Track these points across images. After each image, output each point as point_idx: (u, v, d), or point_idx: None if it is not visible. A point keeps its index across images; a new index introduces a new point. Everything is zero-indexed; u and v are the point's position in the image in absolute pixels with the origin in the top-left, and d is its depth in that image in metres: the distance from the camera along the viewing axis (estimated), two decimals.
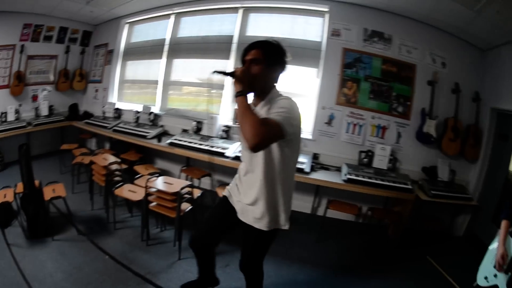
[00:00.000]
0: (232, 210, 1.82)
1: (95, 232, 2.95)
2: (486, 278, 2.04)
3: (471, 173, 4.32)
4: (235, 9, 4.24)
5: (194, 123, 4.16)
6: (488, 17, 3.39)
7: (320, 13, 4.02)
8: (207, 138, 3.95)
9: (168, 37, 4.62)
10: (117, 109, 4.80)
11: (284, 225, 1.75)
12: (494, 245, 2.03)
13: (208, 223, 1.97)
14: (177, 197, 2.64)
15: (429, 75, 3.97)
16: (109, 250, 2.67)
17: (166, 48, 4.59)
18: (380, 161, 3.81)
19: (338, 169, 3.78)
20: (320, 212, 4.07)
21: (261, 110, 1.59)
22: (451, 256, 3.78)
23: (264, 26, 4.21)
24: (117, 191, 2.93)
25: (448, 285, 3.14)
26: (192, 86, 4.76)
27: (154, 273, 2.49)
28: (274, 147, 1.56)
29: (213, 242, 2.02)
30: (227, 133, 4.02)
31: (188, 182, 2.81)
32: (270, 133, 1.39)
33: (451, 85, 4.04)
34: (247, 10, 4.23)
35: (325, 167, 3.80)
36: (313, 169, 3.61)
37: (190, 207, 2.81)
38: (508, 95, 3.84)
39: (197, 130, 4.15)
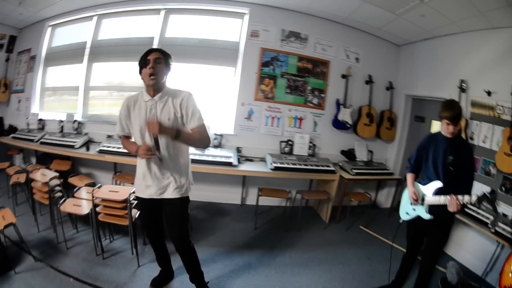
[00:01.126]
0: (150, 202, 2.18)
1: (50, 255, 2.85)
2: (407, 213, 2.62)
3: (388, 151, 4.99)
4: (157, 11, 4.41)
5: None
6: (409, 19, 3.82)
7: (239, 15, 4.35)
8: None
9: (89, 40, 4.61)
10: (40, 119, 4.72)
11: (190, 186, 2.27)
12: (406, 190, 2.66)
13: (145, 221, 2.40)
14: (127, 204, 2.67)
15: (343, 69, 4.50)
16: (71, 271, 2.64)
17: (87, 51, 4.58)
18: (301, 149, 4.26)
19: (262, 160, 4.15)
20: (249, 201, 4.45)
21: (160, 99, 2.03)
22: (382, 223, 4.36)
23: (184, 28, 4.42)
24: (62, 207, 2.85)
25: (385, 245, 3.72)
26: (114, 91, 4.85)
27: (121, 285, 2.55)
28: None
29: (158, 233, 2.38)
30: None
31: (133, 188, 2.80)
32: (208, 133, 2.08)
33: (364, 77, 4.63)
34: (168, 12, 4.42)
35: (249, 159, 4.15)
36: (239, 161, 3.92)
37: (138, 212, 2.80)
38: (422, 83, 4.52)
39: None
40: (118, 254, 2.94)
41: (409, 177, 2.62)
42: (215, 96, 4.42)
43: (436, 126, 4.59)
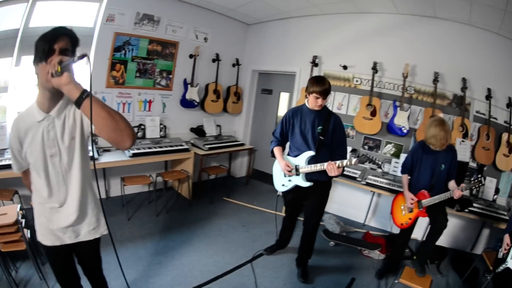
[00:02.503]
0: (62, 249, 1.70)
1: None
2: (283, 185, 2.78)
3: (236, 124, 5.87)
4: None
5: None
6: (267, 2, 4.15)
7: None
8: (1, 151, 3.55)
9: None
10: None
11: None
12: (276, 164, 2.85)
13: (59, 274, 1.87)
14: (19, 225, 2.49)
15: (192, 49, 4.96)
16: None
17: None
18: (153, 131, 4.62)
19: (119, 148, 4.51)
20: (114, 193, 4.59)
21: (58, 115, 1.49)
22: (242, 191, 5.08)
23: (46, 16, 4.04)
24: None
25: (253, 211, 4.24)
26: None
27: None
28: (84, 146, 1.62)
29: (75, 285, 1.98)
30: None
31: (17, 205, 2.64)
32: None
33: (212, 55, 5.22)
34: None
35: (106, 150, 4.11)
36: (98, 153, 3.93)
37: (28, 230, 2.66)
38: (271, 59, 5.38)
39: None
40: (28, 284, 2.73)
41: (277, 150, 2.75)
42: None
43: (284, 97, 5.59)
